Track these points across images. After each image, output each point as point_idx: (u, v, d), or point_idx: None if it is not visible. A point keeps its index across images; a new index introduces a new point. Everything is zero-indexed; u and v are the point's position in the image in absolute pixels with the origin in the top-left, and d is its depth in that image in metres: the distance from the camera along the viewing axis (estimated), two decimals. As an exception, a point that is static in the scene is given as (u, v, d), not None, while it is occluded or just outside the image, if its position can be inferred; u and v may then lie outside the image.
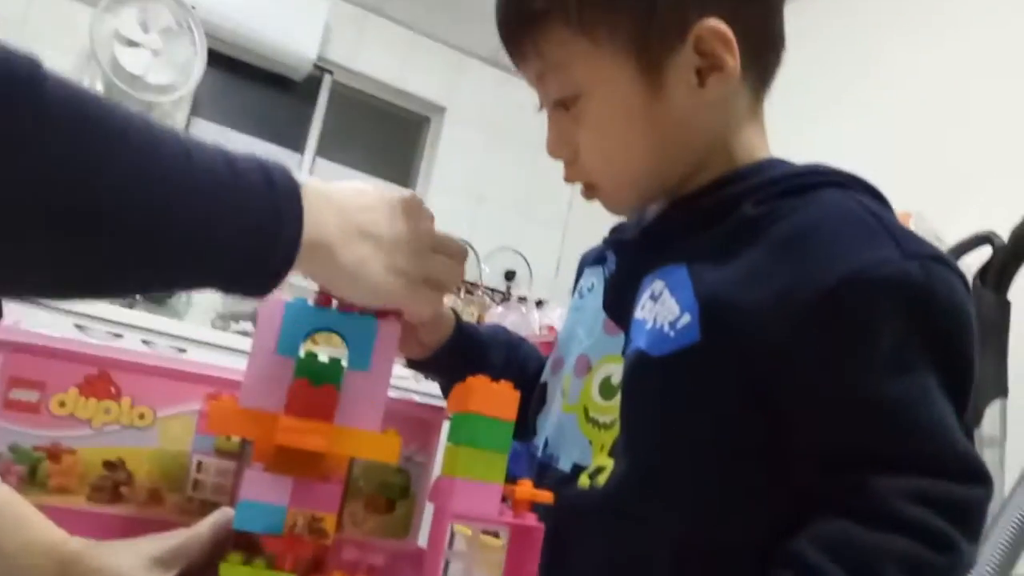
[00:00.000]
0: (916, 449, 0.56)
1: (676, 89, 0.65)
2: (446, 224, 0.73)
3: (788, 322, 0.57)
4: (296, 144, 4.23)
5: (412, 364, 0.81)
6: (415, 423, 0.76)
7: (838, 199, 0.63)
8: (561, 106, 0.69)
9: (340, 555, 0.61)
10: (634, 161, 0.68)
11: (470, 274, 4.37)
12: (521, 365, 0.86)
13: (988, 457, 1.30)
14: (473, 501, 0.57)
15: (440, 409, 0.77)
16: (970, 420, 1.39)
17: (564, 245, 4.56)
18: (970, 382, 0.59)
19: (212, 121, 4.05)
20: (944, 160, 2.38)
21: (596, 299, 0.76)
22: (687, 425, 0.62)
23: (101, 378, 0.67)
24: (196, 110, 4.02)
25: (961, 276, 0.60)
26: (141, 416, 0.68)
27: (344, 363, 0.62)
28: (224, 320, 3.62)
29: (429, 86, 4.36)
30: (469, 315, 4.13)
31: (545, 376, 0.81)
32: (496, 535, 0.64)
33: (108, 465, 0.67)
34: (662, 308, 0.64)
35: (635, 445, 0.64)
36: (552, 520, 0.65)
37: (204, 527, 0.61)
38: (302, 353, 0.62)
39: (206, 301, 3.77)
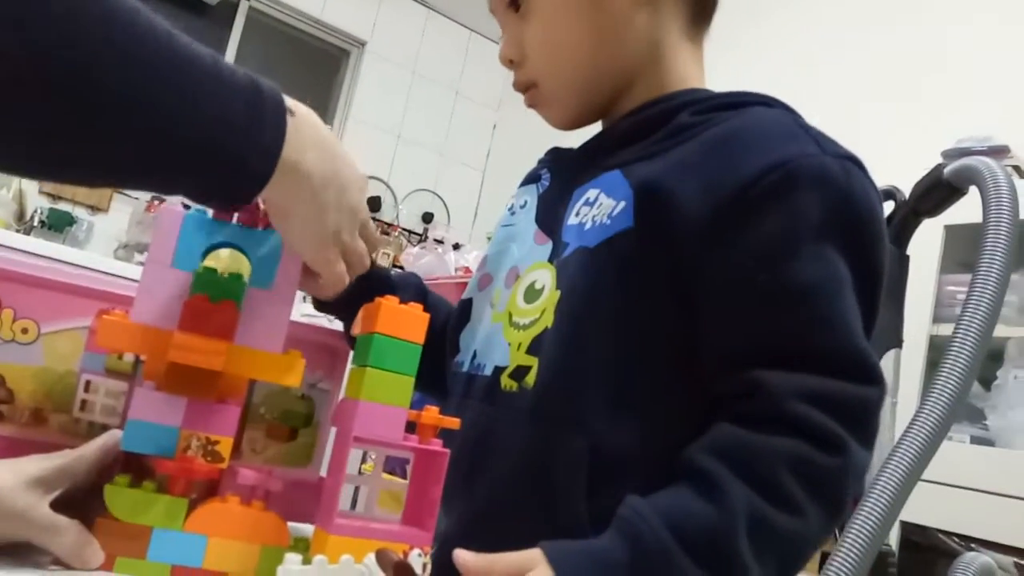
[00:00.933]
0: (816, 343, 0.57)
1: None
2: (364, 163, 0.70)
3: (713, 209, 0.59)
4: (208, 71, 4.06)
5: (319, 305, 0.78)
6: (321, 349, 0.73)
7: (769, 111, 0.66)
8: (512, 7, 0.74)
9: (235, 480, 0.58)
10: (572, 53, 0.72)
11: (387, 215, 4.31)
12: (431, 312, 0.84)
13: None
14: (377, 425, 0.55)
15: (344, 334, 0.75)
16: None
17: (483, 190, 4.53)
18: (879, 289, 0.61)
19: (118, 42, 3.84)
20: (856, 112, 2.44)
21: (528, 214, 0.77)
22: (613, 312, 0.63)
23: (-23, 287, 0.62)
24: (101, 29, 3.80)
25: (874, 184, 0.62)
26: (24, 331, 0.63)
27: (246, 280, 0.59)
28: (128, 251, 3.48)
29: (350, 18, 4.23)
30: (385, 256, 4.08)
31: (469, 293, 0.80)
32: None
33: (-13, 381, 0.62)
34: (598, 209, 0.66)
35: (563, 340, 0.64)
36: (477, 428, 0.66)
37: (91, 448, 0.58)
38: (201, 268, 0.58)
39: (110, 230, 3.62)
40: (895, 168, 1.64)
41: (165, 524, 0.54)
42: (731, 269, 0.59)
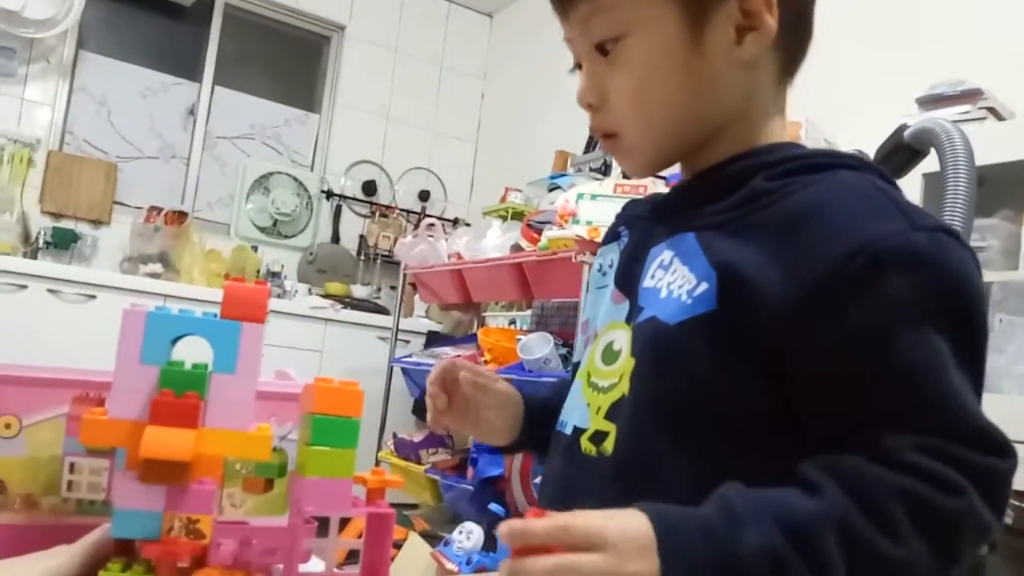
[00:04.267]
0: (932, 416, 0.55)
1: (715, 42, 0.66)
2: (357, 147, 0.72)
3: (798, 298, 0.58)
4: (192, 73, 4.07)
5: (504, 450, 0.85)
6: (290, 402, 0.78)
7: (849, 177, 0.64)
8: (599, 51, 0.69)
9: (218, 551, 0.63)
10: (663, 107, 0.69)
11: (384, 197, 4.34)
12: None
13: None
14: (325, 497, 0.60)
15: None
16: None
17: (477, 162, 4.54)
18: (983, 353, 0.59)
19: (102, 54, 3.86)
20: (838, 70, 2.43)
21: (612, 274, 0.78)
22: (700, 389, 0.63)
23: (-39, 393, 0.67)
24: (84, 43, 3.82)
25: (970, 250, 0.61)
26: (7, 426, 0.68)
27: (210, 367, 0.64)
28: (132, 263, 3.55)
29: (326, 4, 4.22)
30: (385, 239, 4.12)
31: (577, 356, 0.82)
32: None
33: (-24, 476, 0.67)
34: (675, 277, 0.66)
35: (639, 412, 0.66)
36: (563, 483, 0.69)
37: (86, 542, 0.62)
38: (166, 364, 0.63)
39: (113, 243, 3.68)
40: (885, 121, 1.64)
41: (157, 604, 0.59)
42: (828, 358, 0.58)
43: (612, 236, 0.82)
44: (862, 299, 0.57)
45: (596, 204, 1.98)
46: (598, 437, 0.69)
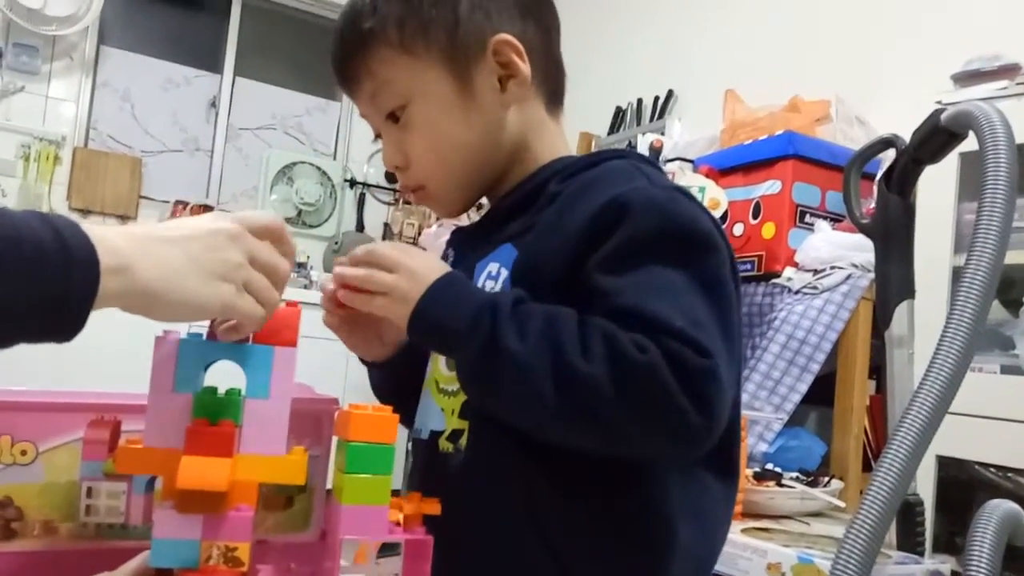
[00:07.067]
0: (645, 313, 0.64)
1: (484, 93, 0.79)
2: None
3: (570, 243, 0.70)
4: (213, 65, 4.07)
5: (368, 364, 0.87)
6: (306, 418, 0.77)
7: (615, 164, 0.77)
8: (391, 119, 0.80)
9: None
10: (456, 156, 0.80)
11: (408, 184, 4.31)
12: None
13: (898, 356, 1.34)
14: (361, 525, 0.60)
15: (329, 400, 0.78)
16: (879, 320, 1.43)
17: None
18: (716, 289, 0.68)
19: (123, 48, 3.88)
20: (869, 46, 2.37)
21: None
22: None
23: (-25, 421, 0.66)
24: (104, 39, 3.84)
25: (705, 210, 0.73)
26: (23, 452, 0.68)
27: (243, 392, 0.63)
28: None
29: (345, -9, 4.20)
30: (409, 226, 4.11)
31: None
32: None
33: (-5, 504, 0.67)
34: (499, 284, 0.75)
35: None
36: (424, 484, 0.72)
37: (126, 571, 0.62)
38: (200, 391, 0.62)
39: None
40: (908, 95, 1.59)
41: (198, 633, 0.59)
42: (589, 278, 0.69)
43: (443, 258, 0.90)
44: (612, 233, 0.68)
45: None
46: (455, 435, 0.76)
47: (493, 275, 0.77)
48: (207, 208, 3.72)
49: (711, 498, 0.74)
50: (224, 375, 0.66)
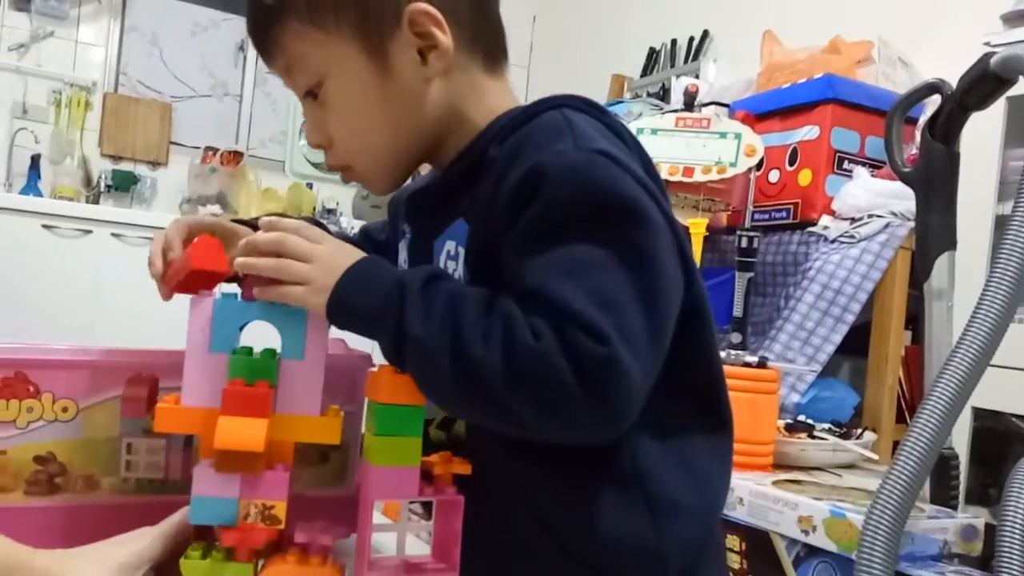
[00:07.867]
0: (545, 294, 0.61)
1: (403, 68, 0.73)
2: None
3: (501, 218, 0.66)
4: (239, 7, 4.02)
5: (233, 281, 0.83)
6: (339, 375, 0.77)
7: (547, 116, 0.71)
8: (310, 96, 0.76)
9: (293, 539, 0.63)
10: (378, 134, 0.76)
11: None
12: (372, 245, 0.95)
13: (937, 308, 1.32)
14: (391, 486, 0.62)
15: (363, 356, 0.79)
16: (918, 272, 1.40)
17: (529, 86, 4.44)
18: (655, 272, 0.63)
19: (149, -9, 3.84)
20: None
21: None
22: None
23: (18, 379, 0.68)
24: (130, -19, 3.80)
25: (632, 173, 0.66)
26: (64, 409, 0.69)
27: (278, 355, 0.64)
28: (192, 204, 3.59)
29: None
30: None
31: None
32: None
33: (39, 460, 0.69)
34: (461, 264, 0.73)
35: None
36: None
37: (167, 525, 0.64)
38: (236, 349, 0.63)
39: (172, 183, 3.73)
40: (955, 36, 1.52)
41: (236, 590, 0.60)
42: (508, 252, 0.65)
43: (400, 234, 0.86)
44: (528, 207, 0.64)
45: (657, 139, 1.90)
46: (446, 422, 0.76)
47: (452, 254, 0.74)
48: (237, 155, 3.72)
49: (698, 452, 0.72)
50: (259, 336, 0.67)
